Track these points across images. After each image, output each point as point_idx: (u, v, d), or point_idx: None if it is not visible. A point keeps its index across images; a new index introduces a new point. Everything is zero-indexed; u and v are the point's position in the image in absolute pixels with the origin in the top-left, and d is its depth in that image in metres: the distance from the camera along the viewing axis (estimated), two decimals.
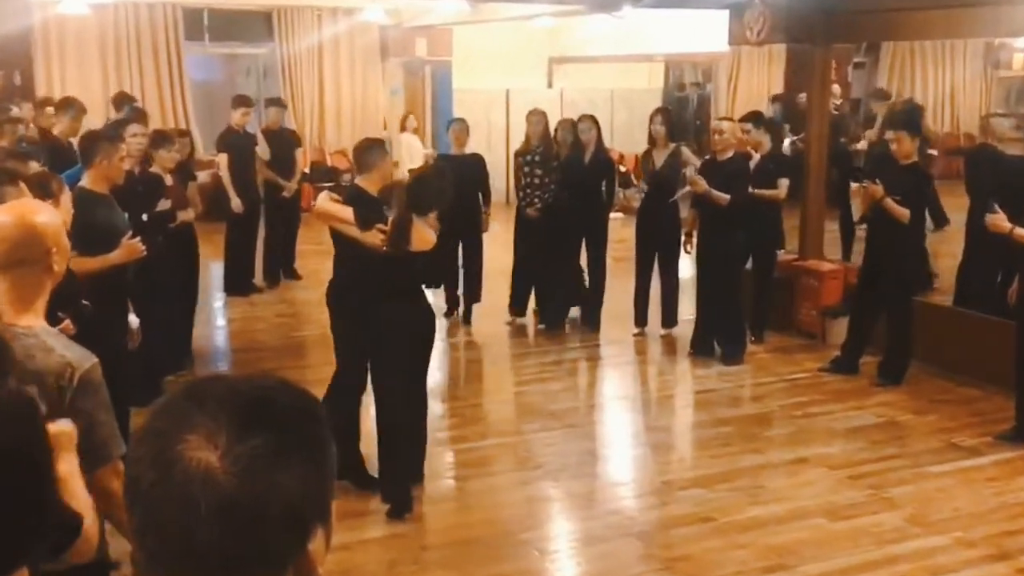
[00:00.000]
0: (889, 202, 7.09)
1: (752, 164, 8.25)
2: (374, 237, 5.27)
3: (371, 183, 5.54)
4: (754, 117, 8.79)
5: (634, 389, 7.76)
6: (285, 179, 10.39)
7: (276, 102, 11.06)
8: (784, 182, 8.36)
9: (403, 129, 12.85)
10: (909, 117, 8.52)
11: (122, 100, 10.43)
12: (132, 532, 1.07)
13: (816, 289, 8.58)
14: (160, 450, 1.04)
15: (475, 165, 8.82)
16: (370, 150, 5.62)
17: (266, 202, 10.56)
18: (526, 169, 8.81)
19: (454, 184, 5.58)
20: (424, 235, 5.24)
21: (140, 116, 8.47)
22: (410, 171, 10.54)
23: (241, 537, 1.01)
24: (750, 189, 7.92)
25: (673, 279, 8.60)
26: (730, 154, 7.85)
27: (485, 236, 9.01)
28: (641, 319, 8.75)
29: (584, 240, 8.86)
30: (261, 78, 15.76)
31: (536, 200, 8.78)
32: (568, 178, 8.71)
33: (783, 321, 8.70)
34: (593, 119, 8.73)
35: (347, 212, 5.40)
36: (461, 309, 9.20)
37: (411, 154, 12.02)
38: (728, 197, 7.61)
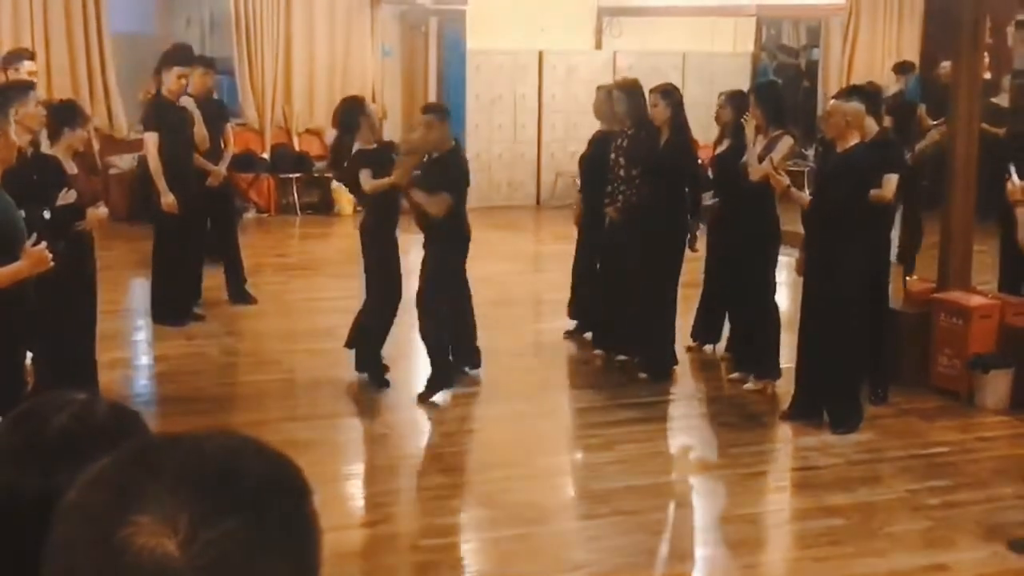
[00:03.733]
0: None
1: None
2: None
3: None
4: (848, 92, 8.75)
5: (710, 463, 7.72)
6: (213, 163, 10.55)
7: (204, 61, 11.12)
8: (892, 178, 8.35)
9: None
10: None
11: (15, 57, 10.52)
12: None
13: (960, 332, 8.53)
14: (100, 536, 1.03)
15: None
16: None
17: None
18: (612, 156, 9.00)
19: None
20: None
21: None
22: None
23: None
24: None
25: (772, 314, 8.76)
26: (853, 142, 7.84)
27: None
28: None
29: None
30: (207, 31, 15.87)
31: (619, 197, 8.93)
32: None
33: (914, 374, 8.66)
34: (666, 92, 8.84)
35: None
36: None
37: None
38: (808, 198, 7.64)
